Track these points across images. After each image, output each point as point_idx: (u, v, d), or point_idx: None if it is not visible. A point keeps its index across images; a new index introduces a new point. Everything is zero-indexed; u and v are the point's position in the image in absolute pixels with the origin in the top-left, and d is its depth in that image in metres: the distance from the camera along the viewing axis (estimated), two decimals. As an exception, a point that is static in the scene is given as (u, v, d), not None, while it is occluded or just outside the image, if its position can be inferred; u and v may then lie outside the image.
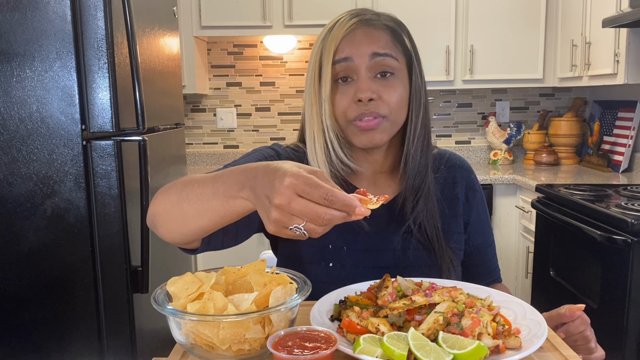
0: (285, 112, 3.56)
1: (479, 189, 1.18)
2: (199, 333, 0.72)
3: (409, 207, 1.06)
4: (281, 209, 0.65)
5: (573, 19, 2.89)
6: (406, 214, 1.06)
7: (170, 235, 0.85)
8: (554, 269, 2.36)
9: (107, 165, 1.72)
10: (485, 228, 1.19)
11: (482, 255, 1.18)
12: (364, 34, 1.02)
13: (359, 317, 0.78)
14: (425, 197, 1.05)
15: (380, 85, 1.01)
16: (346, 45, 1.01)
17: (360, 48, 1.01)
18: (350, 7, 3.05)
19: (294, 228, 0.66)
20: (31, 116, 1.66)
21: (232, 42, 3.48)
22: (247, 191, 0.72)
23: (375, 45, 1.01)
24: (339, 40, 1.01)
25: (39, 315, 1.73)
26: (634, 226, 1.78)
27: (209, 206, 0.77)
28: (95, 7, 1.67)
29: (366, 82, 1.00)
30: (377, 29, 1.03)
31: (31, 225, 1.69)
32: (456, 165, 1.17)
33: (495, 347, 0.72)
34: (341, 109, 1.02)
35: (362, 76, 1.01)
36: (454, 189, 1.14)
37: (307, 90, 1.06)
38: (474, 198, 1.16)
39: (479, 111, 3.54)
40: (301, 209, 0.65)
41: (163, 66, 2.21)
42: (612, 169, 2.98)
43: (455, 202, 1.13)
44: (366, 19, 1.03)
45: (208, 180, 0.78)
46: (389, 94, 1.01)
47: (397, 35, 1.05)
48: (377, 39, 1.02)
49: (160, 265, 1.97)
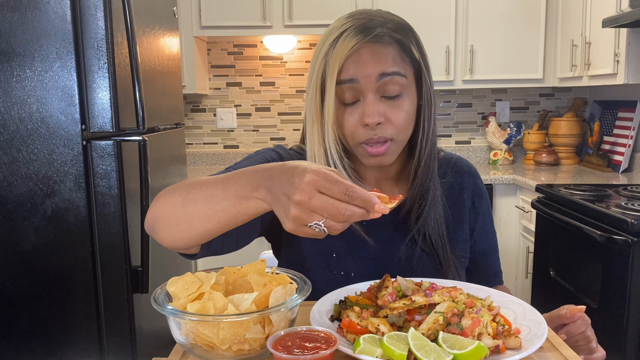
0: (285, 112, 3.56)
1: (485, 194, 1.16)
2: (199, 333, 0.72)
3: (414, 216, 1.04)
4: (301, 205, 0.65)
5: (573, 19, 2.88)
6: (411, 223, 1.05)
7: (171, 240, 0.84)
8: (554, 269, 2.36)
9: (107, 165, 1.72)
10: (490, 233, 1.17)
11: (485, 260, 1.17)
12: (371, 53, 0.95)
13: (359, 317, 0.78)
14: (431, 206, 1.03)
15: (388, 106, 0.96)
16: (351, 65, 0.95)
17: (367, 68, 0.95)
18: (350, 7, 3.05)
19: (313, 225, 0.66)
20: (31, 116, 1.66)
21: (232, 42, 3.48)
22: (262, 191, 0.72)
23: (383, 65, 0.95)
24: (343, 60, 0.95)
25: (39, 315, 1.73)
26: (634, 226, 1.78)
27: (219, 208, 0.76)
28: (95, 7, 1.67)
29: (373, 105, 0.95)
30: (384, 46, 0.96)
31: (31, 225, 1.69)
32: (463, 170, 1.15)
33: (495, 347, 0.72)
34: (349, 131, 0.98)
35: (368, 99, 0.95)
36: (461, 196, 1.12)
37: (309, 106, 1.00)
38: (480, 204, 1.14)
39: (479, 111, 3.54)
40: (322, 205, 0.65)
41: (163, 66, 2.21)
42: (612, 169, 2.98)
43: (461, 209, 1.11)
44: (372, 36, 0.96)
45: (217, 181, 0.78)
46: (397, 115, 0.97)
47: (404, 48, 0.99)
48: (384, 57, 0.96)
49: (160, 265, 1.97)
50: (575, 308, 0.94)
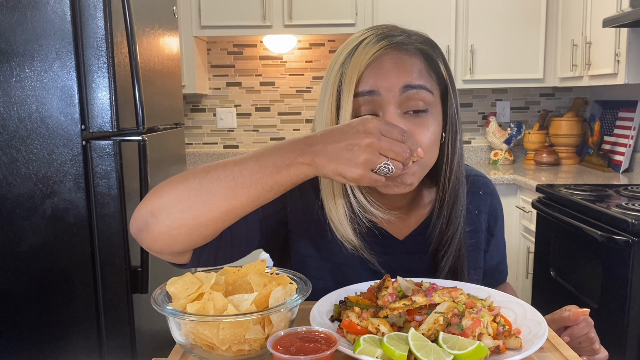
0: (285, 112, 3.56)
1: (501, 214, 1.10)
2: (199, 333, 0.72)
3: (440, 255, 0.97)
4: (371, 147, 0.71)
5: (573, 19, 2.88)
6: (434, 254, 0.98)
7: (172, 234, 0.77)
8: (554, 269, 2.36)
9: (106, 165, 1.72)
10: (501, 247, 1.13)
11: (494, 270, 1.13)
12: (394, 61, 0.86)
13: (359, 317, 0.77)
14: (453, 239, 0.96)
15: (412, 124, 0.86)
16: (371, 75, 0.85)
17: (389, 79, 0.85)
18: (351, 8, 3.05)
19: (382, 166, 0.73)
20: (31, 116, 1.65)
21: (232, 42, 3.48)
22: (308, 156, 0.74)
23: (408, 76, 0.85)
24: (362, 69, 0.85)
25: (39, 315, 1.73)
26: (635, 226, 1.77)
27: (252, 180, 0.75)
28: (95, 7, 1.66)
29: (395, 121, 0.84)
30: (409, 55, 0.87)
31: (31, 225, 1.69)
32: (479, 193, 1.07)
33: (495, 347, 0.72)
34: None
35: (390, 113, 0.85)
36: (477, 219, 1.05)
37: (322, 121, 0.90)
38: (495, 226, 1.09)
39: (479, 111, 3.54)
40: (388, 145, 0.72)
41: (163, 66, 2.21)
42: (613, 169, 2.98)
43: (476, 234, 1.04)
44: (396, 42, 0.87)
45: (245, 158, 0.76)
46: (421, 134, 0.86)
47: (431, 62, 0.90)
48: (409, 67, 0.86)
49: (160, 265, 1.97)
50: (579, 311, 0.93)
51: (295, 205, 0.98)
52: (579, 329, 0.93)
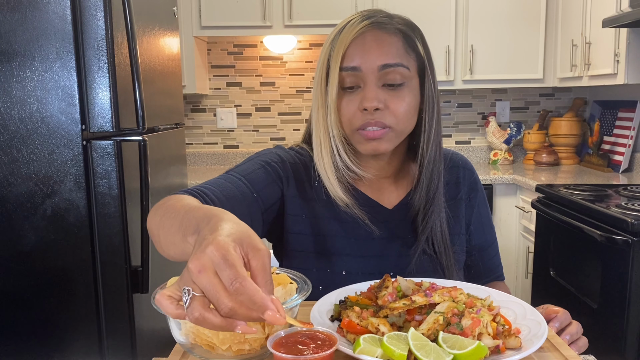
0: (285, 112, 3.56)
1: (481, 188, 1.18)
2: (199, 333, 0.72)
3: (420, 219, 1.05)
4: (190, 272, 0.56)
5: (573, 19, 2.89)
6: (417, 228, 1.05)
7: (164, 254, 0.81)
8: (554, 269, 2.36)
9: (107, 165, 1.72)
10: (487, 227, 1.18)
11: (483, 255, 1.17)
12: (375, 39, 0.98)
13: (359, 317, 0.78)
14: (435, 212, 1.04)
15: (388, 95, 0.98)
16: (355, 52, 0.97)
17: (369, 57, 0.97)
18: (350, 6, 3.05)
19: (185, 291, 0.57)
20: (31, 116, 1.66)
21: (232, 42, 3.48)
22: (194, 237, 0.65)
23: (386, 55, 0.97)
24: (347, 45, 0.98)
25: (39, 315, 1.73)
26: (634, 226, 1.78)
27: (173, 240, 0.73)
28: (95, 7, 1.67)
29: (373, 91, 0.97)
30: (389, 34, 0.99)
31: (31, 225, 1.69)
32: (459, 165, 1.16)
33: (495, 347, 0.72)
34: (347, 116, 0.99)
35: (369, 85, 0.97)
36: (457, 191, 1.13)
37: (315, 92, 1.03)
38: (476, 198, 1.16)
39: (479, 111, 3.54)
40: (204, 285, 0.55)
41: (163, 66, 2.21)
42: (612, 169, 2.98)
43: (457, 204, 1.12)
44: (377, 22, 0.99)
45: (181, 211, 0.73)
46: (397, 104, 0.98)
47: (409, 41, 1.01)
48: (388, 45, 0.98)
49: (160, 265, 1.97)
50: (551, 310, 0.93)
51: (290, 192, 1.05)
52: (564, 319, 0.92)
